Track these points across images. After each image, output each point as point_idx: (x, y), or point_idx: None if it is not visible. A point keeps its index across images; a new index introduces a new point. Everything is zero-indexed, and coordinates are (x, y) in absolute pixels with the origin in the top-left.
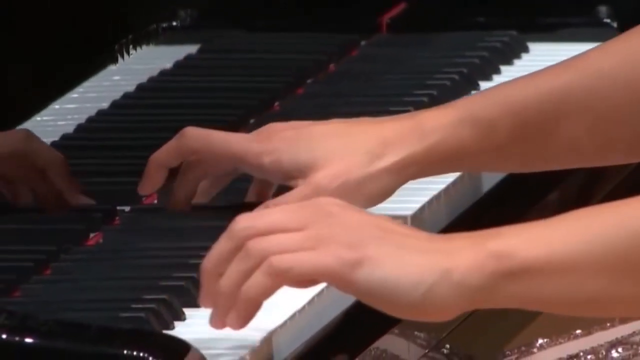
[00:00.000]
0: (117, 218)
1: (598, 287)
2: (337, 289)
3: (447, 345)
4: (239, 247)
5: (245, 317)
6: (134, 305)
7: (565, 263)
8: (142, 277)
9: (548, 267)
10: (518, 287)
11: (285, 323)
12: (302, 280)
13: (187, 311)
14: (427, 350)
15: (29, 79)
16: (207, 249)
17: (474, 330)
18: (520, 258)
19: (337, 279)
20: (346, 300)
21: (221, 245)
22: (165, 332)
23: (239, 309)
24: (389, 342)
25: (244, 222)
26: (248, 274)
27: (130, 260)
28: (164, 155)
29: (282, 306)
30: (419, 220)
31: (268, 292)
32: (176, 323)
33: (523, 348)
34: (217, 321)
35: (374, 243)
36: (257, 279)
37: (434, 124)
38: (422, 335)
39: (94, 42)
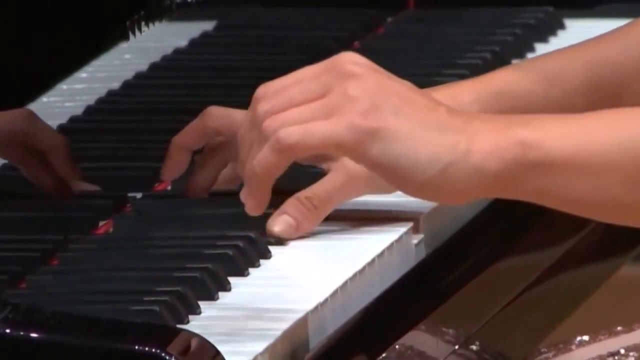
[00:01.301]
0: (128, 205)
1: (620, 191)
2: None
3: (477, 342)
4: (260, 133)
5: (254, 194)
6: (146, 298)
7: (590, 161)
8: (155, 268)
9: (572, 164)
10: (538, 179)
11: (317, 308)
12: (317, 154)
13: (203, 304)
14: (455, 347)
15: (34, 58)
16: (224, 238)
17: (507, 326)
18: (546, 150)
19: (349, 150)
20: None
21: (243, 132)
22: (179, 326)
23: (249, 186)
24: (415, 338)
25: (263, 104)
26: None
27: (142, 250)
28: (186, 136)
29: (315, 290)
30: (432, 219)
31: (276, 167)
32: (191, 317)
33: (561, 345)
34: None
35: (393, 113)
36: (264, 154)
37: (471, 96)
38: (450, 331)
39: (104, 18)
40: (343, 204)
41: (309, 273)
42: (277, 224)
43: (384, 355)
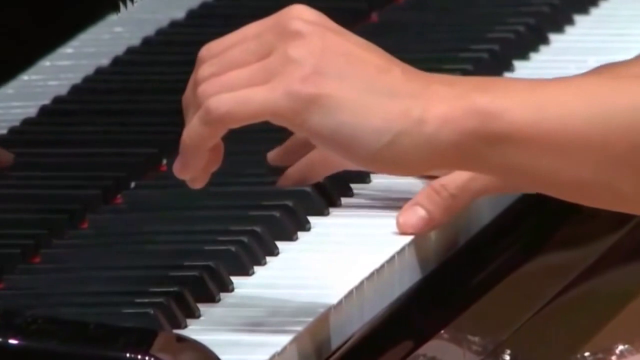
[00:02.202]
0: (119, 196)
1: (591, 170)
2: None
3: (508, 351)
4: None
5: (186, 166)
6: (139, 300)
7: (557, 135)
8: (149, 266)
9: (536, 136)
10: (498, 152)
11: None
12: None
13: (202, 307)
14: (482, 357)
15: (12, 31)
16: (226, 232)
17: (539, 333)
18: (507, 120)
19: (287, 120)
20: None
21: (184, 97)
22: (176, 331)
23: (180, 158)
24: (438, 347)
25: (205, 67)
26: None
27: (134, 246)
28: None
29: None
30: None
31: (206, 139)
32: (189, 321)
33: (600, 355)
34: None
35: (336, 77)
36: (192, 125)
37: None
38: (476, 339)
39: None
40: (359, 195)
41: (320, 273)
42: (406, 217)
43: None
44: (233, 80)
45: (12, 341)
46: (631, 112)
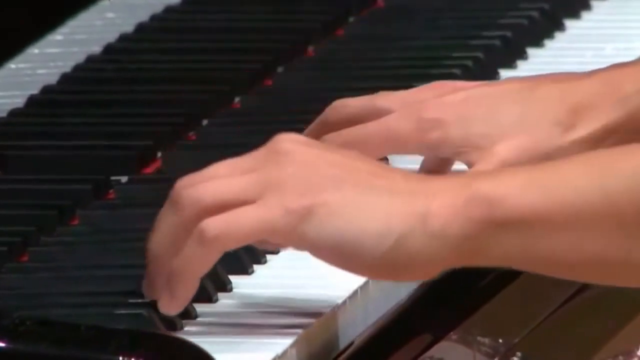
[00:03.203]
0: (111, 191)
1: (605, 243)
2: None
3: (519, 354)
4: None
5: (176, 295)
6: (132, 300)
7: (564, 214)
8: (143, 265)
9: (545, 216)
10: (511, 239)
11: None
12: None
13: (199, 307)
14: None
15: (0, 17)
16: None
17: (555, 334)
18: (513, 204)
19: (284, 236)
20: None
21: (161, 215)
22: (171, 333)
23: (170, 285)
24: (446, 349)
25: (188, 193)
26: (180, 235)
27: (127, 243)
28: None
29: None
30: None
31: (204, 264)
32: (185, 322)
33: (620, 357)
34: (149, 292)
35: (331, 187)
36: (189, 251)
37: (635, 85)
38: (486, 341)
39: None
40: None
41: (323, 272)
42: None
43: None
44: (223, 189)
45: (0, 344)
46: (635, 177)
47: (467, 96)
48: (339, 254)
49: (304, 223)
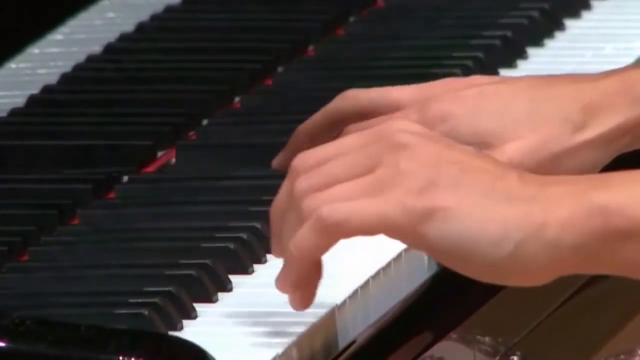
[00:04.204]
0: (111, 190)
1: None
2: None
3: (519, 353)
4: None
5: (295, 282)
6: (132, 300)
7: None
8: (143, 264)
9: None
10: (625, 251)
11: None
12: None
13: (199, 307)
14: (494, 359)
15: (0, 16)
16: (224, 229)
17: (555, 333)
18: (630, 215)
19: (403, 234)
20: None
21: (277, 207)
22: (171, 333)
23: (287, 273)
24: (446, 348)
25: (302, 180)
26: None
27: (127, 243)
28: (312, 123)
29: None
30: None
31: (317, 250)
32: (185, 322)
33: (622, 356)
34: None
35: (451, 188)
36: (302, 235)
37: None
38: (486, 340)
39: None
40: None
41: (323, 271)
42: None
43: None
44: (344, 193)
45: (0, 344)
46: None
47: (481, 91)
48: (457, 257)
49: (424, 225)
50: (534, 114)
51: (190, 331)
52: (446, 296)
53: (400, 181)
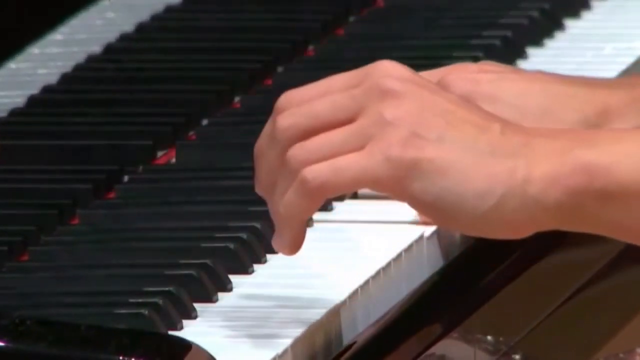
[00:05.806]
0: (111, 190)
1: None
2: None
3: (519, 352)
4: (281, 151)
5: (286, 239)
6: (132, 300)
7: None
8: (143, 264)
9: None
10: (607, 211)
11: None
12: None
13: (199, 307)
14: (495, 358)
15: (0, 16)
16: (224, 229)
17: (556, 333)
18: (615, 177)
19: (387, 187)
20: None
21: (260, 146)
22: (171, 333)
23: (279, 231)
24: (448, 347)
25: (285, 117)
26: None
27: (127, 243)
28: None
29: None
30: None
31: (305, 211)
32: (185, 322)
33: (621, 355)
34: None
35: (436, 140)
36: (289, 199)
37: None
38: (488, 338)
39: None
40: (364, 191)
41: (323, 271)
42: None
43: None
44: (326, 146)
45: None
46: None
47: (500, 78)
48: (440, 210)
49: (409, 178)
50: (549, 109)
51: (190, 331)
52: (446, 296)
53: (383, 133)
